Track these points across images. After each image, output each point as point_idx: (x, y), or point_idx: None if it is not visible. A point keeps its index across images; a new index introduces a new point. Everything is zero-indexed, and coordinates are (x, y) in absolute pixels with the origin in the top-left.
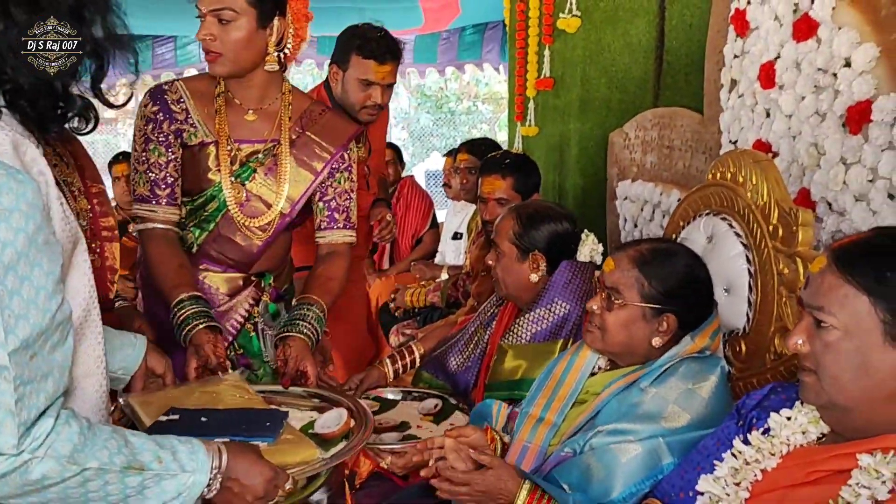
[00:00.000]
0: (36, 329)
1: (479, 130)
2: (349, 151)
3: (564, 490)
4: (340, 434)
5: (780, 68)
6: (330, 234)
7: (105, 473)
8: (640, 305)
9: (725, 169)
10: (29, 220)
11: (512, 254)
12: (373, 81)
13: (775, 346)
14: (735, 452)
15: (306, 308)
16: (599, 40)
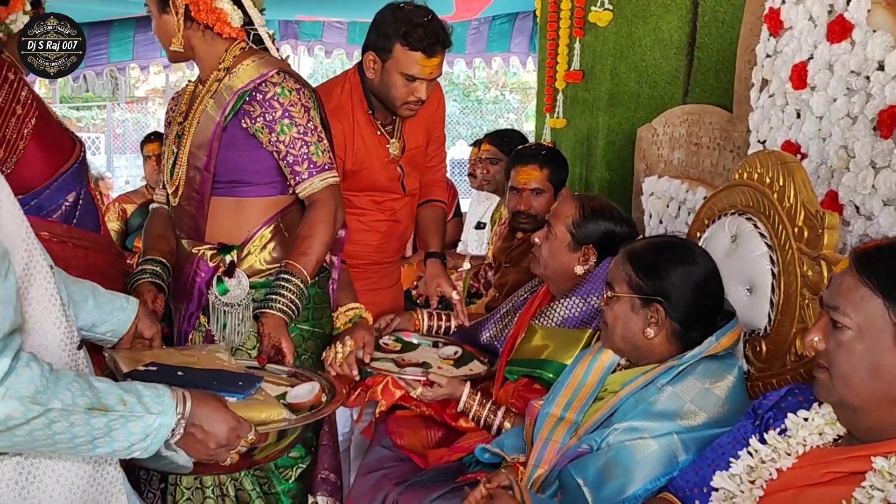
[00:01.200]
0: None
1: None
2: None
3: (579, 485)
4: (309, 405)
5: (812, 69)
6: (301, 188)
7: (69, 415)
8: (628, 296)
9: (752, 169)
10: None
11: (565, 240)
12: (417, 77)
13: (796, 348)
14: (751, 451)
15: (285, 280)
16: (630, 34)
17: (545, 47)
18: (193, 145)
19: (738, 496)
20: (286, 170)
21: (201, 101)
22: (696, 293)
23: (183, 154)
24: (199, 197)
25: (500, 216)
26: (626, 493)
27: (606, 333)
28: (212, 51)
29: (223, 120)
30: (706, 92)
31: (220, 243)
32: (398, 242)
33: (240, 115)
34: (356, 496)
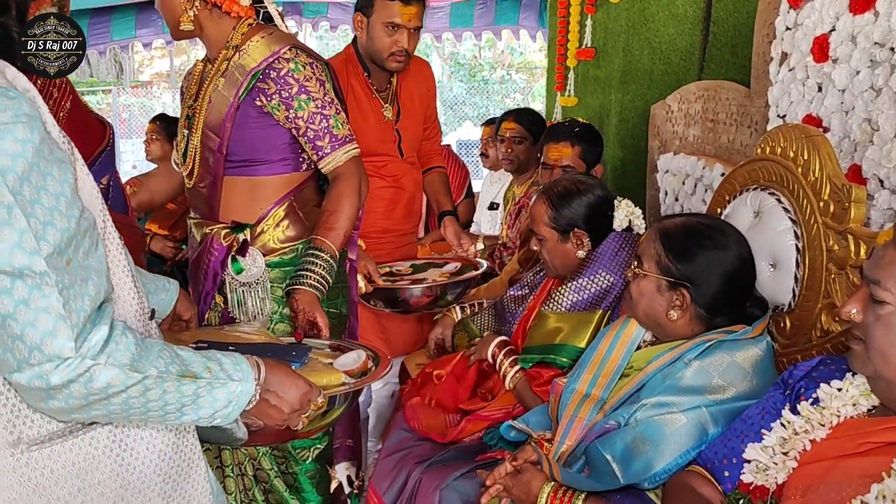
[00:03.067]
0: (65, 234)
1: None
2: (293, 73)
3: (608, 461)
4: (358, 372)
5: (834, 41)
6: (324, 162)
7: (163, 381)
8: (655, 276)
9: (775, 143)
10: (33, 131)
11: (553, 237)
12: (399, 24)
13: (822, 323)
14: (784, 422)
15: (314, 255)
16: (643, 10)
17: (555, 25)
18: (206, 126)
19: (772, 468)
20: (307, 145)
21: (211, 80)
22: (725, 281)
23: (195, 135)
24: (212, 178)
25: (514, 195)
26: (656, 467)
27: (630, 304)
28: (220, 29)
29: (236, 100)
30: (722, 67)
31: (233, 222)
32: (405, 210)
33: (253, 93)
34: (378, 478)
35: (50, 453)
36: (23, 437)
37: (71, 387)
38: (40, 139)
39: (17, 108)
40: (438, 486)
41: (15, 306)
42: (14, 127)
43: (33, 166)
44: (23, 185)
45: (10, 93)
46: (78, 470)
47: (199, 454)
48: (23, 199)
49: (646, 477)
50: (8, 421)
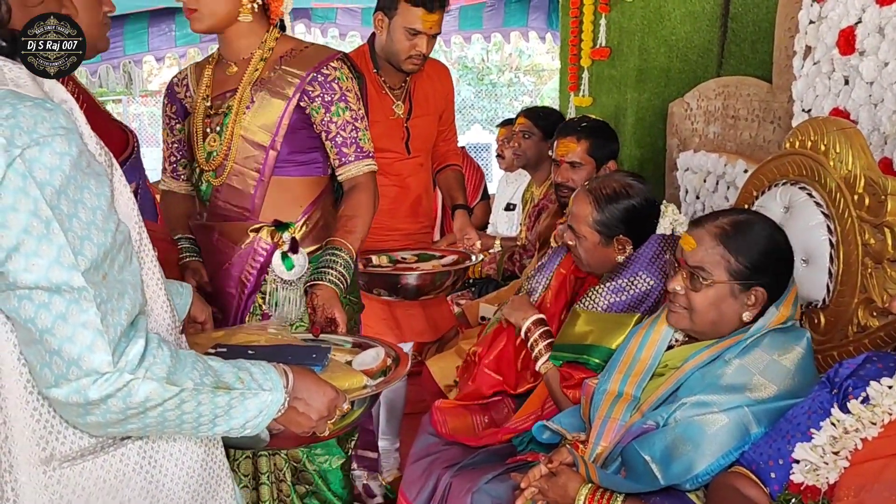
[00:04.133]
0: (101, 249)
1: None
2: (339, 81)
3: (646, 462)
4: (378, 371)
5: (860, 33)
6: (345, 169)
7: (199, 394)
8: (728, 283)
9: (805, 137)
10: (70, 144)
11: (594, 239)
12: (419, 31)
13: (858, 318)
14: (834, 421)
15: (333, 254)
16: (659, 8)
17: (567, 25)
18: (254, 124)
19: (822, 468)
20: (332, 150)
21: (248, 79)
22: (788, 269)
23: (233, 132)
24: (260, 175)
25: (532, 196)
26: (697, 468)
27: (689, 317)
28: (256, 30)
29: (295, 99)
30: (742, 63)
31: (275, 221)
32: (410, 210)
33: (301, 94)
34: (408, 484)
35: (81, 470)
36: (55, 454)
37: (109, 402)
38: (78, 152)
39: (55, 120)
40: (470, 490)
41: (53, 322)
42: (52, 140)
43: (71, 179)
44: (60, 198)
45: (46, 104)
46: (108, 487)
47: (226, 471)
48: (61, 213)
49: (687, 478)
50: (41, 437)
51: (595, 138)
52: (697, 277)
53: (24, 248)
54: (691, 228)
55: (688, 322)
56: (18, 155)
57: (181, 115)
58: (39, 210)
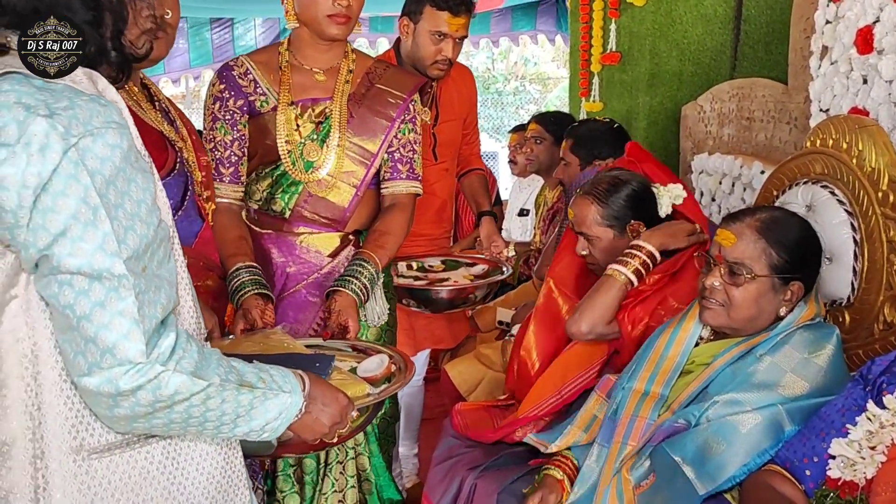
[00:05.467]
0: (143, 241)
1: (527, 111)
2: (414, 103)
3: (677, 463)
4: (382, 378)
5: (878, 32)
6: (393, 184)
7: (223, 390)
8: (769, 277)
9: (826, 136)
10: (122, 137)
11: (608, 236)
12: (445, 34)
13: (885, 315)
14: (870, 416)
15: (360, 265)
16: (670, 12)
17: (577, 31)
18: (357, 140)
19: (859, 463)
20: (386, 163)
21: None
22: (819, 263)
23: (340, 146)
24: (357, 190)
25: (546, 200)
26: (732, 468)
27: (724, 312)
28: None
29: (399, 120)
30: (756, 65)
31: (355, 230)
32: (435, 216)
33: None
34: (431, 486)
35: (108, 463)
36: (84, 444)
37: (139, 393)
38: (128, 146)
39: (108, 114)
40: (496, 491)
41: (91, 308)
42: (105, 132)
43: (120, 171)
44: (109, 188)
45: (101, 100)
46: (133, 484)
47: (244, 480)
48: (108, 201)
49: (722, 478)
50: (72, 426)
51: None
52: (738, 272)
53: (71, 232)
54: (727, 224)
55: (725, 318)
56: (74, 144)
57: (246, 111)
58: (88, 197)
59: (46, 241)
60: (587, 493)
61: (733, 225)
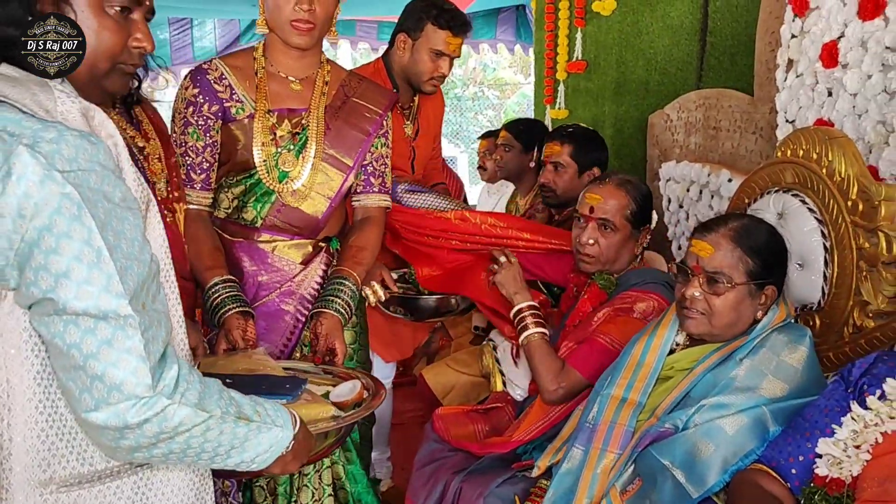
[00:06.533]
0: (140, 279)
1: (485, 116)
2: (387, 119)
3: (666, 467)
4: (353, 402)
5: (843, 47)
6: (365, 197)
7: (223, 422)
8: (746, 284)
9: (797, 146)
10: (104, 180)
11: (626, 231)
12: (444, 53)
13: (854, 320)
14: (854, 416)
15: (341, 283)
16: (636, 22)
17: (542, 39)
18: (333, 152)
19: (846, 461)
20: (359, 177)
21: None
22: (786, 268)
23: (316, 157)
24: (331, 202)
25: (517, 206)
26: (723, 469)
27: (706, 320)
28: (319, 50)
29: (375, 134)
30: (721, 76)
31: (325, 237)
32: None
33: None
34: (414, 490)
35: (76, 497)
36: (54, 478)
37: (145, 426)
38: (111, 187)
39: (95, 154)
40: (482, 494)
41: (98, 347)
42: (90, 173)
43: (112, 212)
44: (106, 229)
45: (91, 138)
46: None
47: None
48: (108, 242)
49: (712, 480)
50: (43, 459)
51: (577, 143)
52: (717, 281)
53: (75, 275)
54: (701, 235)
55: (707, 326)
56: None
57: (220, 117)
58: (92, 239)
59: (49, 284)
60: (564, 495)
61: (708, 235)
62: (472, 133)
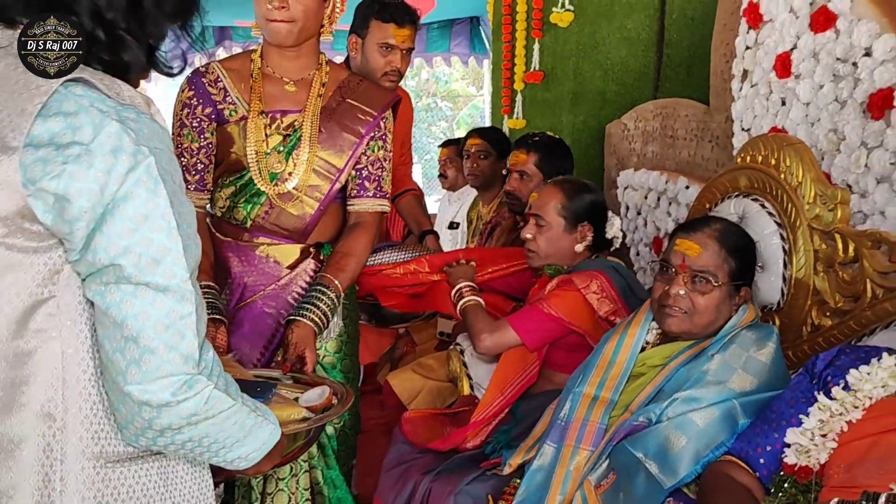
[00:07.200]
0: (195, 260)
1: (439, 127)
2: (385, 120)
3: (639, 460)
4: (321, 407)
5: (796, 58)
6: (359, 202)
7: (239, 413)
8: (728, 284)
9: (756, 152)
10: (172, 160)
11: (559, 225)
12: (392, 45)
13: (812, 319)
14: (821, 406)
15: (320, 292)
16: (594, 34)
17: (500, 49)
18: (324, 155)
19: (813, 449)
20: (354, 180)
21: (313, 105)
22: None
23: (308, 160)
24: (320, 204)
25: (480, 214)
26: (694, 460)
27: (688, 318)
28: (316, 51)
29: (368, 137)
30: (678, 86)
31: (317, 242)
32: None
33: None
34: (382, 492)
35: (119, 475)
36: (104, 452)
37: (183, 405)
38: (175, 169)
39: (164, 138)
40: (451, 492)
41: (156, 319)
42: (162, 153)
43: (175, 193)
44: (173, 206)
45: (158, 123)
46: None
47: None
48: (178, 219)
49: (684, 471)
50: (96, 432)
51: (543, 152)
52: (702, 281)
53: (146, 245)
54: (687, 234)
55: (689, 324)
56: (147, 156)
57: (214, 119)
58: (166, 214)
59: (118, 250)
60: (535, 492)
61: (694, 235)
62: (426, 144)
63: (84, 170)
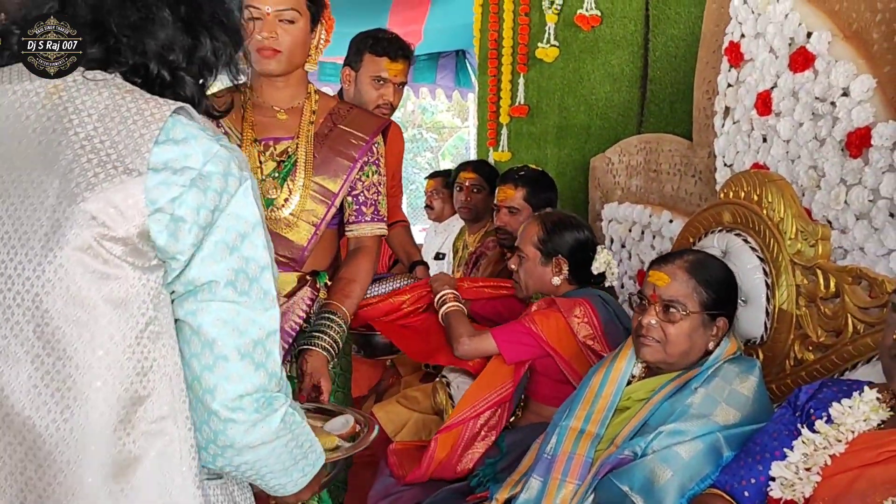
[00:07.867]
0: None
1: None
2: (377, 145)
3: (625, 493)
4: (348, 436)
5: (776, 97)
6: (358, 227)
7: (302, 434)
8: (700, 313)
9: (738, 188)
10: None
11: (535, 258)
12: (385, 79)
13: (795, 353)
14: (805, 440)
15: (329, 319)
16: (578, 69)
17: (486, 83)
18: (318, 175)
19: (798, 483)
20: (350, 206)
21: (306, 131)
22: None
23: (304, 185)
24: (316, 229)
25: (465, 244)
26: (679, 493)
27: (661, 348)
28: (304, 80)
29: (360, 161)
30: (661, 122)
31: (313, 270)
32: None
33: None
34: None
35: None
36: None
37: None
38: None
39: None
40: None
41: (247, 337)
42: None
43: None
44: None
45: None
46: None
47: None
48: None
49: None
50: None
51: (531, 186)
52: (672, 310)
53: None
54: (659, 266)
55: (662, 354)
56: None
57: None
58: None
59: (217, 269)
60: None
61: (665, 266)
62: (411, 174)
63: (201, 192)
